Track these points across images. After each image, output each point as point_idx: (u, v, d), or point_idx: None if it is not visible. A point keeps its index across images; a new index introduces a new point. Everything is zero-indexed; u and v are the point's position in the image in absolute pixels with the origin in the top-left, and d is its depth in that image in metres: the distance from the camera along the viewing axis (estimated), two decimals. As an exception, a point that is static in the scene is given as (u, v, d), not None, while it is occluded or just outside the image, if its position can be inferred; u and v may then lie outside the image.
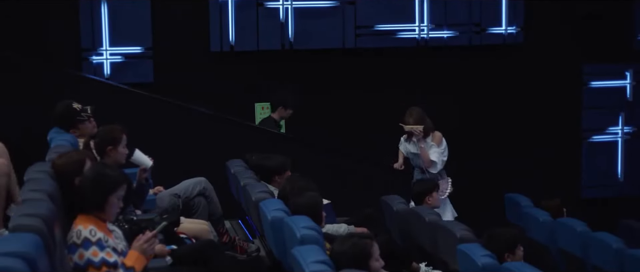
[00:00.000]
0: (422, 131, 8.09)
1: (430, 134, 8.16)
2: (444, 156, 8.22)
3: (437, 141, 8.19)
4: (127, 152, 6.17)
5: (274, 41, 9.70)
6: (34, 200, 4.29)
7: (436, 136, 8.20)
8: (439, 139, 8.20)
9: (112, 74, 9.35)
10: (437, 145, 8.17)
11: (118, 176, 4.65)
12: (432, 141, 8.18)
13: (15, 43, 8.70)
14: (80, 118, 6.84)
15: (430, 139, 8.17)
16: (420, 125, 8.08)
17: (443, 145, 8.20)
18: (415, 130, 8.10)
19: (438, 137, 8.20)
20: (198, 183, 7.23)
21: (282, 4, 9.68)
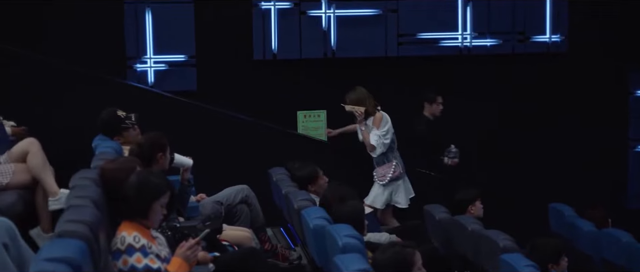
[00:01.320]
0: (362, 113, 7.95)
1: (371, 116, 8.02)
2: (387, 138, 8.05)
3: (377, 123, 8.03)
4: (170, 158, 6.23)
5: (317, 49, 9.72)
6: (79, 206, 4.33)
7: (377, 118, 8.03)
8: (379, 121, 8.02)
9: (156, 82, 9.43)
10: (377, 128, 8.02)
11: (162, 182, 4.67)
12: (373, 123, 8.04)
13: (61, 51, 8.81)
14: (124, 125, 6.91)
15: (370, 122, 8.04)
16: (361, 107, 7.96)
17: (384, 127, 8.03)
18: (355, 111, 7.97)
19: (378, 119, 8.03)
20: (240, 191, 7.26)
21: (324, 13, 9.70)
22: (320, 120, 9.70)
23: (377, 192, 8.10)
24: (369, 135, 7.94)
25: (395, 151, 8.16)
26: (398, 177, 8.11)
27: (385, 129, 8.00)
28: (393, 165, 8.02)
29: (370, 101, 7.99)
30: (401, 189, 8.09)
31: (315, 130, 9.65)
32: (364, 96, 8.00)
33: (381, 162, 8.04)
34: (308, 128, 9.67)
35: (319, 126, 9.69)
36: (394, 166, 8.03)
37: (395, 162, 8.07)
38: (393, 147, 8.14)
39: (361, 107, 7.90)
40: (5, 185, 6.03)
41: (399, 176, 8.12)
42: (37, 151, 6.14)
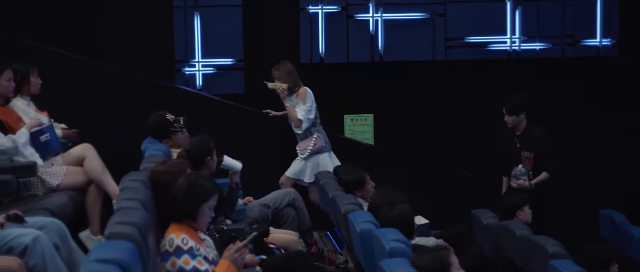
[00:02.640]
0: (285, 89, 7.93)
1: (295, 91, 7.99)
2: (311, 113, 8.03)
3: (302, 98, 8.00)
4: (217, 161, 6.27)
5: (364, 53, 9.72)
6: (128, 208, 4.38)
7: (300, 93, 8.02)
8: (303, 96, 8.01)
9: (204, 85, 9.50)
10: (302, 102, 7.99)
11: (210, 185, 4.71)
12: (297, 98, 8.01)
13: (111, 54, 8.91)
14: (173, 129, 6.98)
15: (294, 97, 8.01)
16: (284, 84, 7.93)
17: (308, 102, 8.01)
18: (277, 88, 7.94)
19: (302, 94, 8.01)
20: (287, 194, 7.29)
21: (372, 16, 9.69)
22: (367, 124, 9.69)
23: (299, 166, 8.11)
24: (294, 110, 7.95)
25: (318, 125, 8.18)
26: (320, 150, 8.09)
27: (309, 103, 8.02)
28: (314, 138, 8.05)
29: (294, 76, 8.02)
30: (327, 162, 8.05)
31: (362, 134, 9.64)
32: (289, 71, 8.03)
33: (304, 137, 8.08)
34: (355, 132, 9.67)
35: (366, 130, 9.68)
36: (315, 139, 8.05)
37: (316, 136, 8.08)
38: (316, 122, 8.15)
39: (283, 84, 7.91)
40: (56, 186, 6.13)
41: (320, 149, 8.09)
42: (93, 155, 6.26)
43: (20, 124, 6.53)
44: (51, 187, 6.12)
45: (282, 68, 8.03)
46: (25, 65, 7.09)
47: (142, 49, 9.24)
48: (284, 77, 7.97)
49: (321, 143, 8.07)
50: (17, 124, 6.52)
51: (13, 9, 8.88)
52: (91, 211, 6.33)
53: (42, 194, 6.08)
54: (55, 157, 6.40)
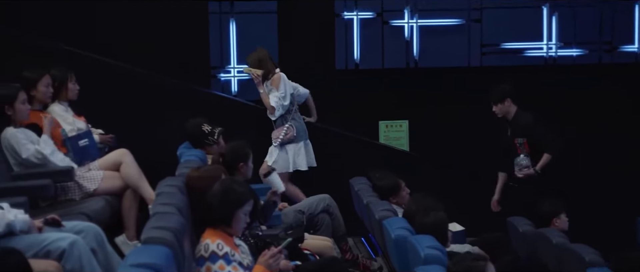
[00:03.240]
0: (259, 75, 7.88)
1: (269, 77, 7.94)
2: (285, 100, 7.97)
3: (276, 84, 7.94)
4: (252, 167, 6.29)
5: (399, 59, 9.70)
6: (164, 213, 4.40)
7: (275, 79, 7.96)
8: (277, 82, 7.94)
9: (239, 91, 9.53)
10: (276, 89, 7.93)
11: (245, 191, 4.72)
12: (272, 85, 7.95)
13: (146, 60, 8.97)
14: (207, 141, 7.02)
15: (269, 83, 7.95)
16: (259, 70, 7.88)
17: (283, 89, 7.95)
18: (252, 73, 7.88)
19: (277, 81, 7.95)
20: (322, 200, 7.30)
21: (407, 22, 9.67)
22: (402, 131, 9.67)
23: (273, 154, 8.08)
24: (267, 97, 7.92)
25: (293, 114, 8.12)
26: (291, 140, 8.03)
27: (283, 90, 7.96)
28: (285, 128, 8.00)
29: (268, 63, 7.98)
30: (301, 152, 8.01)
31: (397, 141, 9.61)
32: (263, 58, 8.01)
33: (279, 125, 8.05)
34: (390, 138, 9.65)
35: (401, 136, 9.66)
36: (286, 128, 8.00)
37: (289, 125, 8.02)
38: (291, 110, 8.10)
39: (258, 70, 7.88)
40: (93, 191, 6.18)
41: (291, 139, 8.03)
42: (130, 161, 6.31)
43: (58, 129, 6.61)
44: (88, 191, 6.17)
45: (254, 55, 8.01)
46: (63, 71, 7.17)
47: (178, 55, 9.29)
48: (255, 65, 7.93)
49: (293, 133, 8.01)
50: (55, 129, 6.59)
51: (49, 15, 8.97)
52: (127, 216, 6.37)
53: (79, 198, 6.14)
54: (93, 162, 6.46)
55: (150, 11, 9.25)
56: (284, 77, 8.01)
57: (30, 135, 6.23)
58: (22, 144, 6.11)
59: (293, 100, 8.08)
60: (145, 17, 9.26)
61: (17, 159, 6.14)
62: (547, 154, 8.11)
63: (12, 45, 8.42)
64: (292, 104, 8.07)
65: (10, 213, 4.57)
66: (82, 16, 9.06)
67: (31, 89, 6.60)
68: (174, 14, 9.31)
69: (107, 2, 9.18)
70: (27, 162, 6.10)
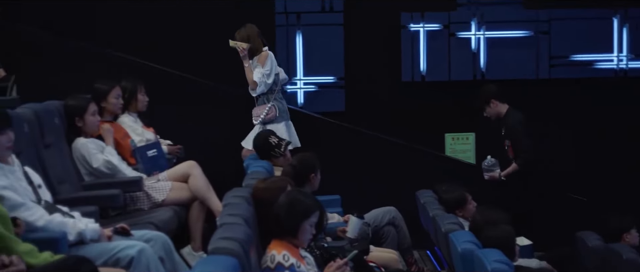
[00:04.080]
0: (245, 49, 7.77)
1: (257, 54, 7.83)
2: (269, 78, 7.85)
3: (262, 61, 7.82)
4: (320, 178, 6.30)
5: (466, 71, 9.63)
6: (231, 224, 4.43)
7: (262, 56, 7.84)
8: (264, 59, 7.83)
9: (305, 102, 9.57)
10: (262, 66, 7.81)
11: (312, 202, 4.73)
12: (258, 61, 7.84)
13: (214, 72, 9.06)
14: (273, 154, 7.05)
15: (256, 60, 7.85)
16: (245, 44, 7.77)
17: (268, 66, 7.82)
18: (238, 47, 7.79)
19: (263, 57, 7.83)
20: (388, 212, 7.28)
21: (474, 34, 9.61)
22: (468, 143, 9.59)
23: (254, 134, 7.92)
24: (251, 72, 7.85)
25: (276, 93, 8.00)
26: (273, 119, 7.90)
27: (268, 67, 7.86)
28: (267, 107, 7.88)
29: (257, 39, 7.90)
30: (283, 133, 7.86)
31: (464, 154, 9.54)
32: (251, 33, 7.91)
33: (261, 103, 7.95)
34: (456, 151, 9.57)
35: (468, 149, 9.58)
36: (269, 108, 7.87)
37: (271, 105, 7.89)
38: (274, 89, 7.98)
39: (244, 44, 7.81)
40: (162, 201, 6.26)
41: (273, 119, 7.89)
42: (199, 173, 6.39)
43: (127, 140, 6.71)
44: (156, 202, 6.26)
45: (243, 31, 7.95)
46: (133, 82, 7.29)
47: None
48: (245, 40, 7.90)
49: (275, 113, 7.90)
50: (124, 140, 6.71)
51: (118, 27, 9.12)
52: (194, 227, 6.44)
53: (148, 208, 6.23)
54: (161, 173, 6.55)
55: (218, 24, 9.34)
56: (271, 56, 7.98)
57: (100, 145, 6.35)
58: (93, 154, 6.23)
59: (277, 80, 8.03)
60: (213, 30, 9.35)
61: (87, 169, 6.26)
62: (515, 165, 7.99)
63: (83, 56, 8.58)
64: (276, 83, 8.02)
65: (81, 222, 4.65)
66: (150, 29, 9.19)
67: (102, 100, 6.73)
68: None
69: (174, 14, 9.31)
70: (97, 171, 6.21)
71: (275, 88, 7.97)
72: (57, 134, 6.18)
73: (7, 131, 4.51)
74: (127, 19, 9.18)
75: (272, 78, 7.89)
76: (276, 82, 7.97)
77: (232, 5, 9.26)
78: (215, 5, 9.36)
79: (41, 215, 4.45)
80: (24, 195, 4.49)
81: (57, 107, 6.35)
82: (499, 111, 8.15)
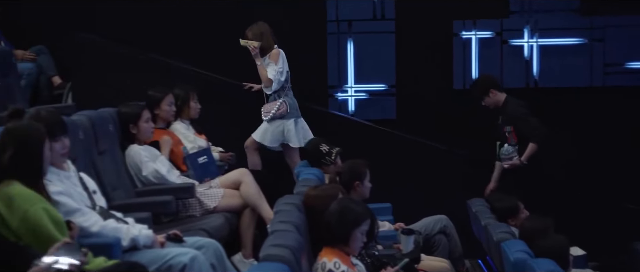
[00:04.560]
0: (257, 47, 7.74)
1: (268, 52, 7.81)
2: (282, 76, 7.83)
3: (275, 58, 7.79)
4: (371, 187, 6.29)
5: (519, 79, 9.55)
6: (282, 231, 4.45)
7: (273, 53, 7.81)
8: (276, 57, 7.80)
9: (356, 110, 9.57)
10: (275, 63, 7.77)
11: (363, 210, 4.73)
12: (270, 58, 7.81)
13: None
14: (324, 161, 7.06)
15: (268, 57, 7.82)
16: (256, 42, 7.74)
17: (280, 63, 7.81)
18: (249, 45, 7.74)
19: (275, 55, 7.81)
20: (439, 221, 7.24)
21: (527, 42, 9.53)
22: (521, 152, 9.48)
23: (263, 129, 7.99)
24: (264, 70, 7.85)
25: (287, 90, 7.99)
26: (283, 115, 7.89)
27: (281, 65, 7.87)
28: (278, 103, 7.88)
29: (269, 37, 7.89)
30: (292, 129, 7.91)
31: (516, 162, 9.43)
32: (265, 30, 7.91)
33: (272, 100, 7.95)
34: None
35: (520, 157, 9.47)
36: (279, 104, 7.88)
37: (281, 101, 7.90)
38: (286, 87, 7.97)
39: (255, 42, 7.80)
40: (213, 208, 6.30)
41: (283, 115, 7.89)
42: (250, 180, 6.42)
43: (180, 147, 6.77)
44: (208, 208, 6.30)
45: (255, 28, 7.94)
46: (185, 90, 7.36)
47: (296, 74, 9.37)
48: (257, 37, 7.89)
49: (285, 109, 7.91)
50: (177, 147, 6.77)
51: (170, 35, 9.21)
52: (245, 234, 6.47)
53: (200, 215, 6.27)
54: (214, 180, 6.60)
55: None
56: (282, 54, 7.99)
57: (153, 153, 6.42)
58: (144, 161, 6.29)
59: (288, 77, 8.05)
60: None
61: (139, 176, 6.32)
62: (532, 144, 7.91)
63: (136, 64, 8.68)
64: (287, 81, 8.04)
65: (134, 228, 4.70)
66: (201, 37, 9.28)
67: (155, 107, 6.80)
68: (293, 34, 9.43)
69: (226, 22, 9.37)
70: (146, 179, 6.28)
71: (286, 85, 8.02)
72: (111, 141, 6.26)
73: (61, 138, 4.57)
74: (181, 27, 9.27)
75: (284, 76, 7.95)
76: (287, 79, 8.03)
77: (283, 14, 9.31)
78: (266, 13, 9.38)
79: (96, 221, 4.51)
80: (79, 201, 4.56)
81: (111, 114, 6.43)
82: (497, 100, 8.12)
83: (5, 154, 4.08)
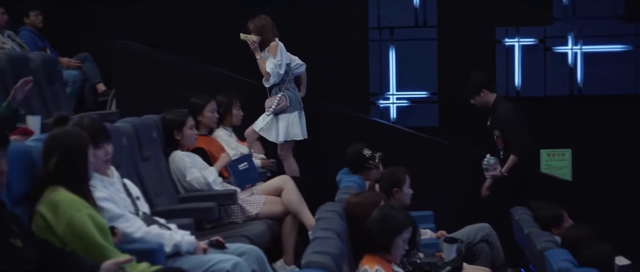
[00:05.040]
0: (255, 41, 7.68)
1: (268, 45, 7.77)
2: (281, 68, 7.78)
3: (273, 51, 7.73)
4: (411, 193, 6.26)
5: (562, 86, 9.48)
6: (324, 238, 4.45)
7: (272, 46, 7.76)
8: (274, 49, 7.74)
9: (398, 117, 9.55)
10: (273, 56, 7.71)
11: (404, 218, 4.72)
12: (269, 51, 7.76)
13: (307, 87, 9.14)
14: (368, 165, 7.04)
15: (267, 50, 7.78)
16: (255, 36, 7.70)
17: (278, 56, 7.75)
18: (248, 39, 7.69)
19: (274, 48, 7.74)
20: (481, 229, 7.20)
21: (571, 49, 9.45)
22: (564, 160, 9.42)
23: (264, 122, 7.94)
24: (263, 63, 7.82)
25: (287, 84, 7.93)
26: (284, 109, 7.84)
27: (280, 58, 7.82)
28: (278, 97, 7.83)
29: (270, 31, 7.85)
30: (296, 122, 7.87)
31: (560, 170, 9.36)
32: (266, 23, 7.87)
33: (273, 94, 7.90)
34: (552, 167, 9.41)
35: (564, 166, 9.40)
36: (279, 98, 7.83)
37: (281, 95, 7.85)
38: (286, 80, 7.91)
39: (254, 36, 7.77)
40: (255, 215, 6.32)
41: (284, 109, 7.84)
42: (292, 187, 6.44)
43: (222, 153, 6.81)
44: (250, 215, 6.32)
45: (258, 20, 7.93)
46: (228, 97, 7.41)
47: (338, 81, 9.41)
48: (259, 30, 7.86)
49: (285, 102, 7.88)
50: (219, 153, 6.81)
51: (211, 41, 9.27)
52: (286, 241, 6.48)
53: (242, 221, 6.30)
54: (255, 187, 6.62)
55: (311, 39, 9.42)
56: (281, 46, 7.96)
57: (196, 160, 6.46)
58: (188, 167, 6.33)
59: (288, 70, 8.01)
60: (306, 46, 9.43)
61: (182, 182, 6.36)
62: (513, 156, 7.84)
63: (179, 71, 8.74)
64: (287, 74, 8.00)
65: (177, 234, 4.72)
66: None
67: (198, 114, 6.86)
68: (335, 41, 9.45)
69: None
70: (189, 185, 6.31)
71: (286, 78, 8.01)
72: (154, 148, 6.30)
73: (104, 145, 4.61)
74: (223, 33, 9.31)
75: (283, 69, 7.94)
76: (287, 72, 8.02)
77: (325, 22, 9.34)
78: (308, 22, 9.45)
79: (139, 226, 4.54)
80: (122, 206, 4.59)
81: (155, 121, 6.48)
82: (487, 101, 8.10)
83: (50, 160, 4.13)
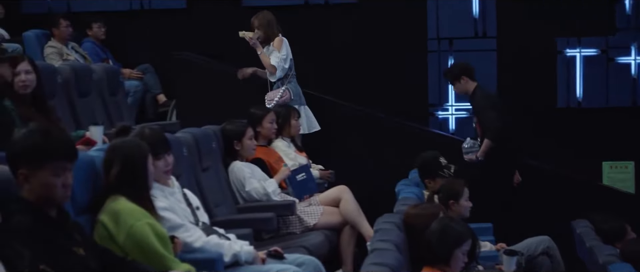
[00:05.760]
0: (252, 38, 7.64)
1: (272, 40, 7.72)
2: (286, 63, 7.72)
3: (278, 45, 7.68)
4: (470, 206, 6.20)
5: (625, 98, 9.33)
6: (382, 250, 4.44)
7: (276, 41, 7.70)
8: (279, 44, 7.69)
9: (456, 128, 9.49)
10: (278, 50, 7.66)
11: (464, 230, 4.68)
12: (273, 46, 7.71)
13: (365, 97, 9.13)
14: (441, 173, 6.96)
15: (271, 45, 7.74)
16: (253, 33, 7.68)
17: (283, 50, 7.70)
18: (246, 36, 7.64)
19: (278, 43, 7.70)
20: (542, 242, 7.10)
21: (634, 59, 9.30)
22: (627, 172, 9.26)
23: None
24: (267, 58, 7.80)
25: (290, 78, 7.88)
26: (286, 103, 7.75)
27: (285, 52, 7.78)
28: (281, 90, 7.78)
29: (274, 26, 7.82)
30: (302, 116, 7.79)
31: (623, 183, 9.21)
32: (270, 19, 7.83)
33: (275, 88, 7.86)
34: (614, 180, 9.26)
35: (627, 178, 9.25)
36: (282, 91, 7.78)
37: (284, 88, 7.79)
38: (289, 74, 7.86)
39: (251, 33, 7.73)
40: (313, 225, 6.34)
41: (286, 102, 7.75)
42: (349, 197, 6.44)
43: (280, 164, 6.84)
44: (308, 226, 6.34)
45: (261, 16, 7.89)
46: (286, 108, 7.44)
47: (396, 92, 9.39)
48: (264, 26, 7.83)
49: (288, 96, 7.83)
50: (278, 163, 6.84)
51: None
52: (345, 252, 6.48)
53: (300, 232, 6.31)
54: (313, 197, 6.63)
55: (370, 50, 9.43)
56: (285, 41, 7.94)
57: (255, 170, 6.50)
58: (247, 177, 6.37)
59: (292, 65, 7.98)
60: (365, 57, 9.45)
61: (242, 193, 6.40)
62: (487, 141, 7.75)
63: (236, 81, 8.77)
64: (291, 68, 7.97)
65: (236, 244, 4.75)
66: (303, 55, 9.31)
67: (257, 125, 6.90)
68: (393, 52, 9.44)
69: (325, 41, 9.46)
70: (248, 195, 6.35)
71: (289, 73, 8.00)
72: (214, 158, 6.35)
73: (164, 156, 4.65)
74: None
75: (288, 63, 7.94)
76: (291, 67, 8.02)
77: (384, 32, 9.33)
78: (367, 32, 9.46)
79: (199, 236, 4.58)
80: (183, 216, 4.64)
81: (215, 131, 6.53)
82: (467, 89, 8.01)
83: (111, 170, 4.18)
